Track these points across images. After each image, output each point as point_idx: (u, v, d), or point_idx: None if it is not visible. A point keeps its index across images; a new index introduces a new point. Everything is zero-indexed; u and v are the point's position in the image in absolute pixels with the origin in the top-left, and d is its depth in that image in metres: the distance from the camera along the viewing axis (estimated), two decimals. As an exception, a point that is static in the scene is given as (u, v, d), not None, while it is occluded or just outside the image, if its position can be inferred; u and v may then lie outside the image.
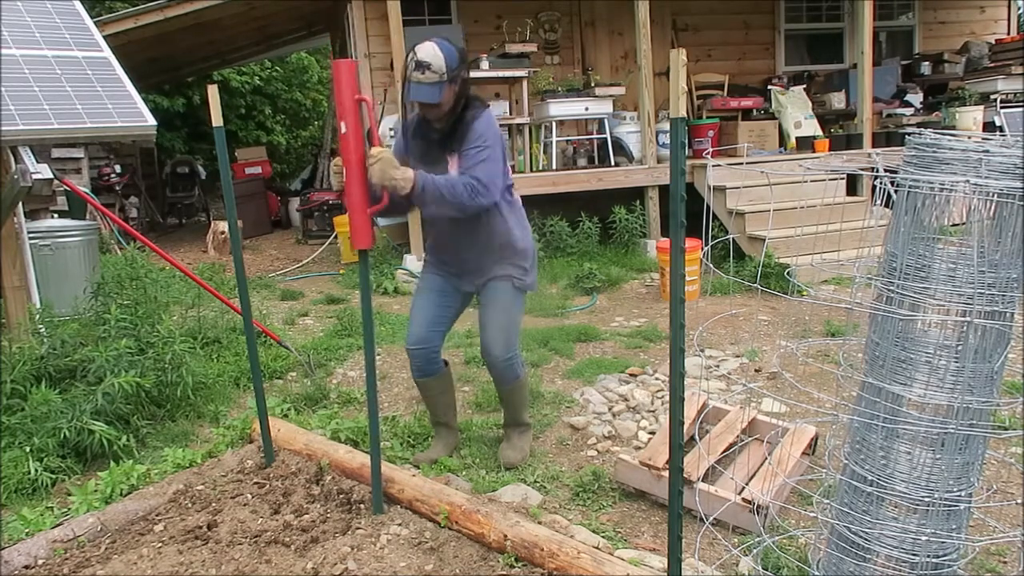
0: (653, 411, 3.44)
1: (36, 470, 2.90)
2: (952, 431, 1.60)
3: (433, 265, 2.97)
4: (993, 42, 9.43)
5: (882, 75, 8.82)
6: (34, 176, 3.73)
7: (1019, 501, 2.37)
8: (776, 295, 4.83)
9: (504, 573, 2.18)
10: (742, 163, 6.56)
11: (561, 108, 7.07)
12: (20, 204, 4.05)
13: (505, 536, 2.25)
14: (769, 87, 8.62)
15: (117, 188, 9.75)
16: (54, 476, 2.95)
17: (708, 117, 8.30)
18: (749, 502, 2.41)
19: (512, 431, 3.09)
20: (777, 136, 8.26)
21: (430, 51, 2.54)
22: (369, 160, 2.37)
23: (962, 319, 1.57)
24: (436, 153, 2.71)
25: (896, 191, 1.62)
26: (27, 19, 4.16)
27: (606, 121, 7.48)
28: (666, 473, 2.52)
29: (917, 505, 1.65)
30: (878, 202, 1.92)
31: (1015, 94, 8.43)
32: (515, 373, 2.95)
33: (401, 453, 3.06)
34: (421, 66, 2.54)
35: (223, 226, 8.33)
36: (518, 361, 2.95)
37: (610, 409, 3.49)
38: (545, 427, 3.35)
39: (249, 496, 2.65)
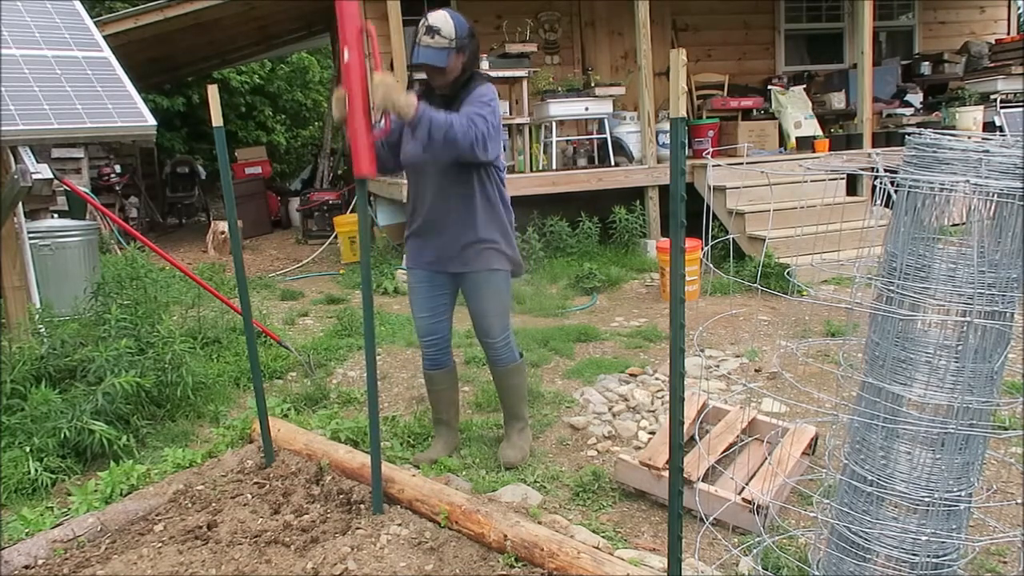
0: (653, 411, 3.44)
1: (36, 470, 2.90)
2: (952, 431, 1.60)
3: (413, 260, 2.95)
4: (993, 42, 9.43)
5: (882, 75, 8.82)
6: (34, 176, 3.73)
7: (1019, 501, 2.37)
8: (776, 295, 4.83)
9: (504, 573, 2.18)
10: (742, 163, 6.56)
11: (561, 108, 7.07)
12: (20, 204, 4.05)
13: (505, 536, 2.25)
14: (769, 87, 8.62)
15: (117, 188, 9.75)
16: (54, 476, 2.95)
17: (708, 117, 8.30)
18: (749, 502, 2.41)
19: (512, 429, 3.08)
20: (777, 136, 8.26)
21: (440, 17, 2.60)
22: (373, 84, 2.38)
23: (962, 319, 1.57)
24: None
25: (896, 191, 1.62)
26: (27, 19, 4.16)
27: (606, 121, 7.48)
28: (666, 473, 2.52)
29: (917, 505, 1.65)
30: (878, 202, 1.92)
31: (1015, 94, 8.43)
32: (514, 354, 3.00)
33: (401, 453, 3.06)
34: (431, 31, 2.58)
35: (223, 226, 8.33)
36: (514, 342, 3.01)
37: (610, 409, 3.49)
38: (545, 427, 3.35)
39: (249, 496, 2.64)
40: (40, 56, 3.94)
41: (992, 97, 8.39)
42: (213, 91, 2.58)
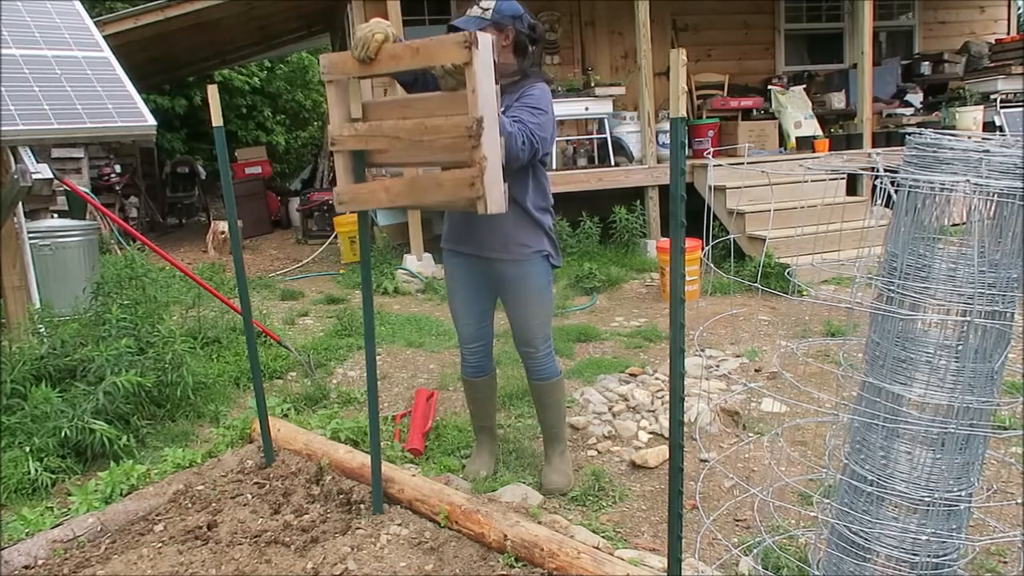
0: (653, 411, 3.44)
1: (36, 470, 2.90)
2: (952, 431, 1.60)
3: (452, 253, 2.74)
4: (993, 42, 9.43)
5: (882, 75, 8.83)
6: (34, 176, 3.73)
7: (1019, 501, 2.37)
8: (776, 295, 4.83)
9: (504, 573, 2.18)
10: (742, 163, 6.56)
11: (561, 108, 7.05)
12: (20, 204, 4.05)
13: (505, 536, 2.24)
14: (769, 87, 8.62)
15: (117, 188, 9.75)
16: (54, 476, 2.94)
17: (708, 117, 8.30)
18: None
19: (552, 452, 2.87)
20: (777, 136, 8.26)
21: None
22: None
23: (962, 319, 1.57)
24: None
25: (896, 191, 1.62)
26: (27, 19, 4.16)
27: (606, 121, 7.48)
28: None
29: (917, 505, 1.65)
30: (878, 202, 1.92)
31: (1015, 94, 8.43)
32: (556, 366, 2.80)
33: (401, 453, 3.06)
34: (475, 1, 2.50)
35: (223, 226, 8.33)
36: (554, 353, 2.82)
37: (610, 409, 3.49)
38: (545, 427, 3.35)
39: (249, 496, 2.64)
40: (40, 56, 3.94)
41: (992, 97, 8.39)
42: (213, 91, 2.58)
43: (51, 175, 4.10)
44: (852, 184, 7.22)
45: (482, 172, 1.92)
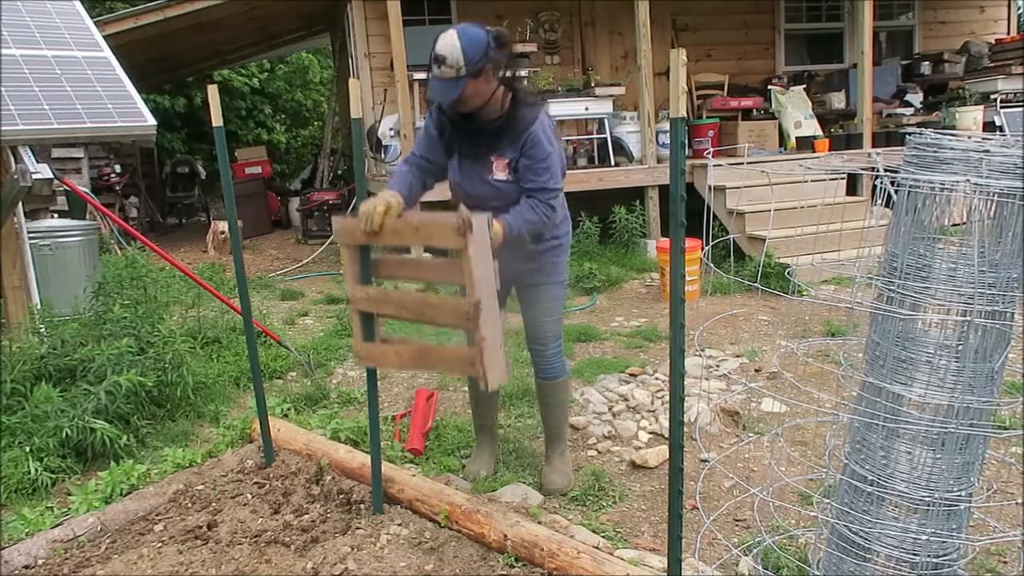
0: (653, 411, 3.44)
1: (36, 470, 2.90)
2: (952, 431, 1.60)
3: None
4: (993, 42, 9.44)
5: (882, 75, 8.83)
6: (34, 176, 3.73)
7: (1019, 501, 2.37)
8: (776, 295, 4.83)
9: (504, 573, 2.18)
10: (742, 163, 6.56)
11: (561, 108, 7.07)
12: (20, 204, 4.05)
13: (505, 536, 2.24)
14: (769, 87, 8.62)
15: (117, 188, 9.75)
16: (54, 476, 2.94)
17: (708, 117, 8.30)
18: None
19: (553, 452, 2.86)
20: (777, 136, 8.26)
21: (448, 41, 2.26)
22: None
23: (962, 319, 1.57)
24: (482, 152, 2.48)
25: (896, 191, 1.62)
26: (27, 19, 4.16)
27: (606, 121, 7.48)
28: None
29: (917, 505, 1.65)
30: (878, 202, 1.92)
31: (1015, 94, 8.43)
32: (564, 365, 2.80)
33: (401, 453, 3.06)
34: (437, 60, 2.26)
35: (223, 226, 8.33)
36: (563, 352, 2.83)
37: (610, 409, 3.49)
38: (545, 427, 3.35)
39: (249, 496, 2.65)
40: (40, 56, 3.94)
41: (992, 97, 8.39)
42: (213, 91, 2.58)
43: (51, 175, 4.10)
44: (852, 184, 7.22)
45: (481, 352, 2.02)
